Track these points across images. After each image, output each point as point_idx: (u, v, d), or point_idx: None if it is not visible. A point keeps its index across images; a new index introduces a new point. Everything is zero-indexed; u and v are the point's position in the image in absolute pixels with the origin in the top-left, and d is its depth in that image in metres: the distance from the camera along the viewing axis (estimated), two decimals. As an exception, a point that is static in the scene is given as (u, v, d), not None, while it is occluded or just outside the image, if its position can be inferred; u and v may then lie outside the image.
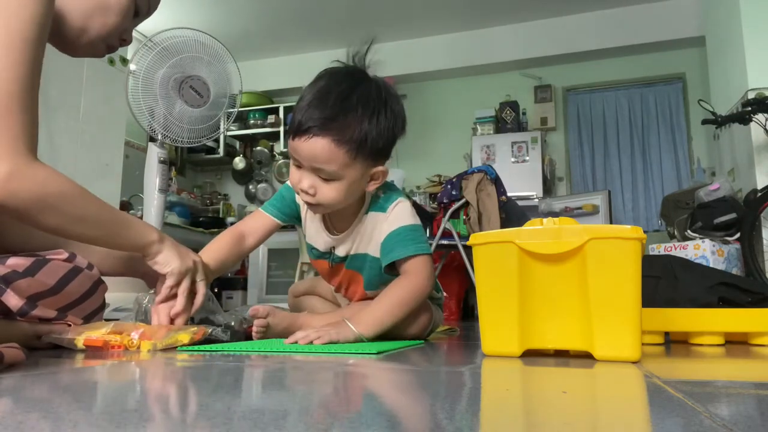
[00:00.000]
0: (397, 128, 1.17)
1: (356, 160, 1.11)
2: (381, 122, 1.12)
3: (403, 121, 1.18)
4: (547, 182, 4.73)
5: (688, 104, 4.82)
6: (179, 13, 4.87)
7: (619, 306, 0.88)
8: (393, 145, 1.18)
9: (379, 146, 1.13)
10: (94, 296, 1.05)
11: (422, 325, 1.27)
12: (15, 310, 0.90)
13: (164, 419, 0.44)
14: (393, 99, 1.17)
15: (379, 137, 1.12)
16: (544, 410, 0.52)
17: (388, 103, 1.15)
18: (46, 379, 0.68)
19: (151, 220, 2.66)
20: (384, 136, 1.13)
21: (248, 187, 5.95)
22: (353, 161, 1.11)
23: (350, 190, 1.15)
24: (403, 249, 1.18)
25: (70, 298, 0.99)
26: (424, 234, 1.25)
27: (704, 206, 2.89)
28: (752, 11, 3.31)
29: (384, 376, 0.76)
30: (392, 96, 1.17)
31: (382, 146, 1.14)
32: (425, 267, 1.18)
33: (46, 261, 0.99)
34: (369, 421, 0.46)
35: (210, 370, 0.76)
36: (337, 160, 1.09)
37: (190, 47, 2.53)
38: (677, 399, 0.56)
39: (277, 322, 1.21)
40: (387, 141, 1.15)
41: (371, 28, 5.20)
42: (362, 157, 1.12)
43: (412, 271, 1.18)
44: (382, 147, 1.14)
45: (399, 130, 1.17)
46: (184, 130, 2.59)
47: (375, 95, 1.13)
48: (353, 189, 1.16)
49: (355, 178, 1.14)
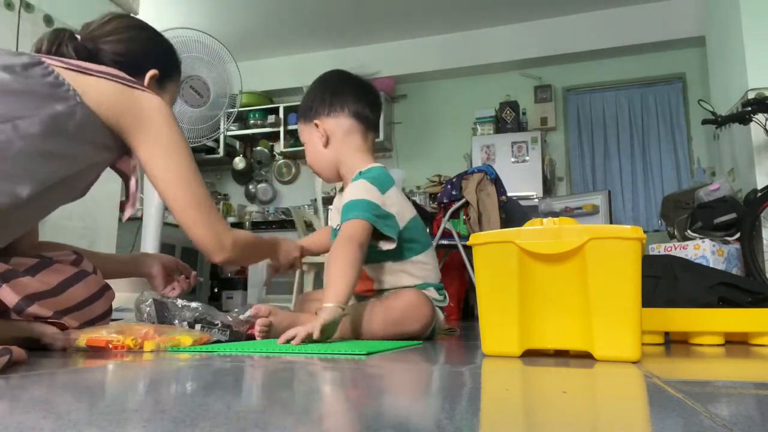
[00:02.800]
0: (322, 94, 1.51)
1: (303, 123, 1.52)
2: (310, 94, 1.54)
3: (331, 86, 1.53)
4: (547, 182, 4.73)
5: (688, 104, 4.82)
6: (179, 13, 4.87)
7: (619, 306, 0.88)
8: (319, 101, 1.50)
9: (309, 105, 1.50)
10: (98, 302, 1.04)
11: (423, 322, 1.29)
12: (11, 306, 0.89)
13: (164, 419, 0.44)
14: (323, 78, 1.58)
15: (309, 98, 1.52)
16: (544, 410, 0.52)
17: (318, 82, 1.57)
18: (47, 379, 0.68)
19: (151, 221, 2.66)
20: (311, 97, 1.52)
21: (248, 187, 5.95)
22: (303, 125, 1.52)
23: (309, 146, 1.51)
24: (345, 214, 1.34)
25: (72, 302, 0.99)
26: (367, 207, 1.34)
27: (704, 206, 2.89)
28: (752, 11, 3.31)
29: (384, 376, 0.76)
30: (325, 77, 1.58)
31: (311, 105, 1.50)
32: (348, 228, 1.30)
33: (50, 262, 0.99)
34: (369, 421, 0.47)
35: (210, 370, 0.76)
36: (300, 130, 1.54)
37: (190, 47, 2.53)
38: (677, 399, 0.56)
39: (279, 321, 1.22)
40: (313, 101, 1.50)
41: (371, 28, 5.20)
42: (304, 120, 1.51)
43: (339, 233, 1.32)
44: (311, 106, 1.50)
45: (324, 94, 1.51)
46: (184, 130, 2.58)
47: (316, 81, 1.58)
48: (311, 145, 1.50)
49: (308, 135, 1.50)
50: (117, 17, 1.19)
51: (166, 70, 1.21)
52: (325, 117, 1.47)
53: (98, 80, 1.00)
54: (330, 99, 1.48)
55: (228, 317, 1.20)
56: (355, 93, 1.49)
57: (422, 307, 1.30)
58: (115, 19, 1.18)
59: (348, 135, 1.47)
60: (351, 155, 1.46)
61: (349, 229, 1.28)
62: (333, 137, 1.46)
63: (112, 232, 2.81)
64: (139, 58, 1.16)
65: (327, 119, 1.47)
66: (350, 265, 1.22)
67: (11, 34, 2.32)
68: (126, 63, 1.11)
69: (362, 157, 1.46)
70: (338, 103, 1.47)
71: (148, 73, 1.16)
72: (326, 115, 1.47)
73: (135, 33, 1.18)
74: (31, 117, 0.90)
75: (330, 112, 1.47)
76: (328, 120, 1.47)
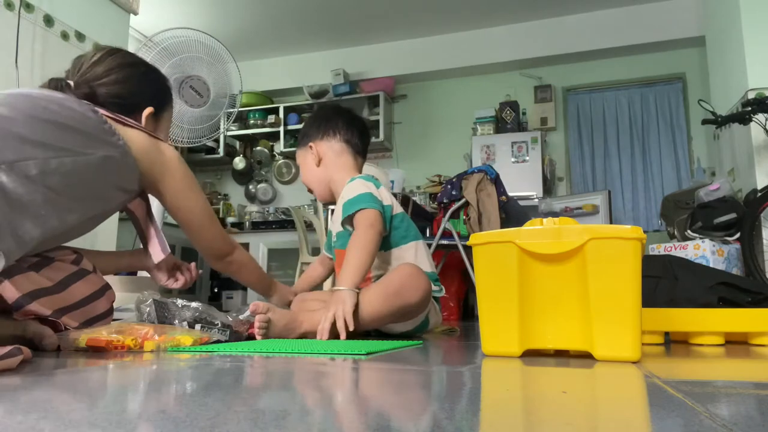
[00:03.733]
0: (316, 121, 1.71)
1: (299, 148, 1.72)
2: (306, 123, 1.75)
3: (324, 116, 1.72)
4: (547, 182, 4.73)
5: (688, 104, 4.82)
6: (179, 13, 4.87)
7: (619, 306, 0.88)
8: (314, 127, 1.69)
9: (304, 132, 1.71)
10: (99, 301, 1.05)
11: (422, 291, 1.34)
12: (10, 302, 0.89)
13: (165, 419, 0.44)
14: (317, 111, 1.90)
15: (303, 130, 1.73)
16: (544, 410, 0.52)
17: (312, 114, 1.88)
18: (47, 379, 0.68)
19: (151, 220, 2.65)
20: (307, 125, 1.72)
21: (248, 187, 5.95)
22: (299, 150, 1.73)
23: (304, 167, 1.71)
24: (350, 208, 1.47)
25: (72, 299, 0.99)
26: (371, 198, 1.49)
27: (704, 206, 2.89)
28: (752, 11, 3.31)
29: (384, 376, 0.76)
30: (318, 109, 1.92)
31: (305, 131, 1.71)
32: (363, 216, 1.44)
33: (51, 260, 0.99)
34: (369, 421, 0.47)
35: (210, 370, 0.76)
36: (297, 154, 1.75)
37: (190, 47, 2.53)
38: (677, 399, 0.56)
39: (278, 318, 1.23)
40: (307, 128, 1.71)
41: (371, 28, 5.20)
42: (300, 144, 1.72)
43: (356, 224, 1.44)
44: (306, 132, 1.71)
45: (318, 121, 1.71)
46: (184, 130, 2.59)
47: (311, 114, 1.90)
48: (305, 166, 1.70)
49: (303, 158, 1.71)
50: (108, 54, 1.22)
51: (160, 104, 1.29)
52: (318, 140, 1.67)
53: (135, 132, 1.12)
54: (324, 125, 1.68)
55: (228, 317, 1.20)
56: (345, 122, 1.69)
57: (420, 276, 1.35)
58: (107, 57, 1.21)
59: (339, 156, 1.66)
60: (341, 173, 1.64)
61: (370, 217, 1.42)
62: (325, 157, 1.66)
63: (112, 233, 2.81)
64: (136, 98, 1.22)
65: (320, 142, 1.67)
66: (369, 252, 1.37)
67: (11, 34, 2.32)
68: (123, 104, 1.18)
69: (351, 172, 1.65)
70: (331, 129, 1.67)
71: (144, 111, 1.23)
72: (320, 138, 1.67)
73: (128, 72, 1.23)
74: (87, 155, 0.99)
75: (323, 136, 1.67)
76: (321, 143, 1.67)
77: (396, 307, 1.30)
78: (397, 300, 1.30)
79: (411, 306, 1.33)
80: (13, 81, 2.32)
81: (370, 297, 1.30)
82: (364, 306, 1.29)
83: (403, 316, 1.35)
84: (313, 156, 1.66)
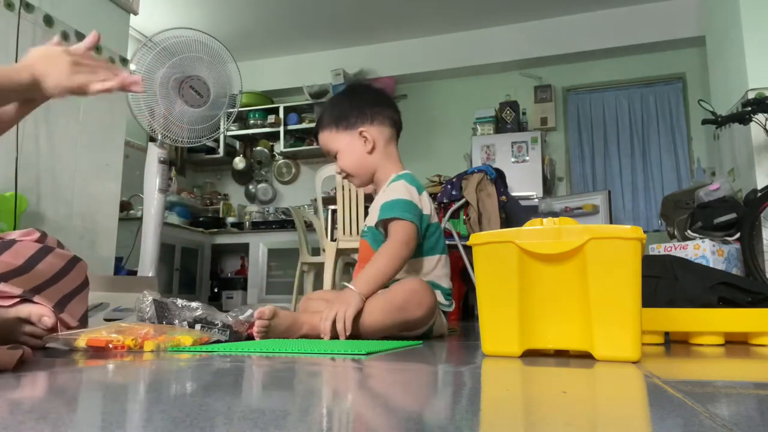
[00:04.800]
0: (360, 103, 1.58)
1: (338, 132, 1.57)
2: (344, 104, 1.60)
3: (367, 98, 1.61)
4: (547, 182, 4.73)
5: (688, 104, 4.82)
6: (179, 13, 4.87)
7: (619, 306, 0.88)
8: (359, 111, 1.57)
9: (346, 116, 1.57)
10: (70, 275, 1.02)
11: (426, 308, 1.32)
12: None
13: (165, 419, 0.44)
14: (353, 90, 1.68)
15: (344, 113, 1.58)
16: (544, 410, 0.52)
17: (348, 94, 1.67)
18: (48, 379, 0.68)
19: (150, 220, 2.66)
20: (347, 106, 1.59)
21: (248, 187, 5.95)
22: (337, 133, 1.58)
23: (350, 153, 1.57)
24: (389, 212, 1.43)
25: (42, 278, 0.96)
26: (412, 207, 1.46)
27: (704, 206, 2.89)
28: (752, 11, 3.31)
29: (385, 376, 0.76)
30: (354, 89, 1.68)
31: (348, 115, 1.57)
32: (401, 230, 1.40)
33: (11, 243, 0.97)
34: (369, 421, 0.47)
35: (210, 370, 0.76)
36: (330, 139, 1.59)
37: (190, 47, 2.53)
38: (677, 399, 0.56)
39: (280, 322, 1.23)
40: (351, 111, 1.57)
41: (371, 28, 5.20)
42: (342, 128, 1.57)
43: (391, 233, 1.41)
44: (349, 115, 1.57)
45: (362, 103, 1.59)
46: (184, 130, 2.59)
47: (343, 93, 1.68)
48: (353, 152, 1.57)
49: (346, 143, 1.57)
50: None
51: None
52: (369, 125, 1.57)
53: None
54: (370, 108, 1.58)
55: (228, 317, 1.21)
56: (388, 102, 1.64)
57: (425, 292, 1.32)
58: None
59: (388, 142, 1.60)
60: (389, 163, 1.59)
61: (407, 233, 1.39)
62: (377, 144, 1.57)
63: (112, 232, 2.81)
64: None
65: (371, 127, 1.57)
66: (394, 268, 1.35)
67: (11, 34, 2.32)
68: None
69: (397, 163, 1.61)
70: (379, 112, 1.59)
71: None
72: (370, 123, 1.57)
73: None
74: None
75: (373, 120, 1.57)
76: (372, 128, 1.57)
77: (398, 321, 1.29)
78: (399, 314, 1.29)
79: (413, 321, 1.31)
80: (13, 81, 2.32)
81: (372, 308, 1.28)
82: (365, 316, 1.27)
83: (404, 329, 1.33)
84: (364, 142, 1.56)
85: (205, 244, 5.15)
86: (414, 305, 1.29)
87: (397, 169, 1.59)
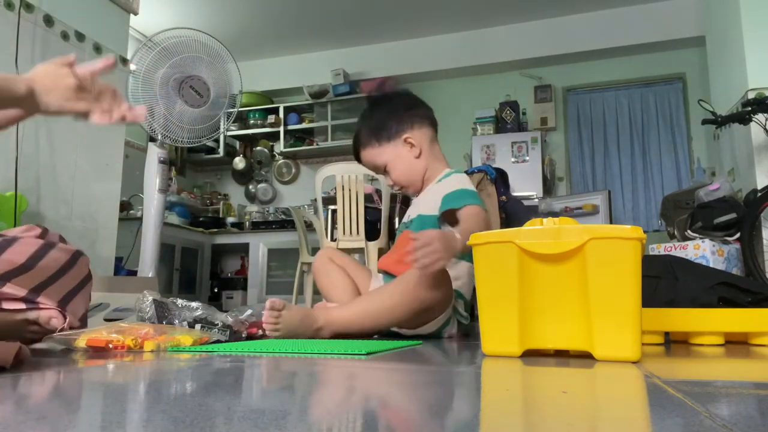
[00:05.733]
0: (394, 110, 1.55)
1: (381, 145, 1.54)
2: (379, 115, 1.55)
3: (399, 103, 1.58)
4: (547, 182, 4.73)
5: (688, 104, 4.82)
6: (179, 13, 4.87)
7: (619, 306, 0.88)
8: (397, 119, 1.54)
9: (386, 126, 1.53)
10: (72, 270, 1.01)
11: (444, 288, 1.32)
12: None
13: (165, 419, 0.44)
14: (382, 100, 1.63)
15: (381, 124, 1.53)
16: (544, 410, 0.52)
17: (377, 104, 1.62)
18: (48, 379, 0.68)
19: (150, 220, 2.66)
20: (385, 118, 1.54)
21: (248, 187, 5.95)
22: (380, 147, 1.54)
23: (400, 163, 1.54)
24: (455, 201, 1.43)
25: (45, 275, 0.96)
26: (477, 195, 1.47)
27: (704, 206, 2.89)
28: (752, 11, 3.31)
29: (385, 376, 0.76)
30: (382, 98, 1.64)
31: (387, 125, 1.53)
32: (477, 212, 1.40)
33: (13, 240, 0.97)
34: (369, 422, 0.47)
35: (210, 370, 0.76)
36: (374, 155, 1.55)
37: (190, 47, 2.53)
38: (677, 399, 0.56)
39: (292, 315, 1.21)
40: (389, 121, 1.53)
41: (371, 28, 5.20)
42: (385, 140, 1.54)
43: (464, 217, 1.39)
44: (389, 126, 1.53)
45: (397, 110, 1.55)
46: (184, 130, 2.59)
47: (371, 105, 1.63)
48: (402, 161, 1.54)
49: (394, 155, 1.54)
50: None
51: None
52: (411, 130, 1.54)
53: None
54: (408, 113, 1.55)
55: (228, 317, 1.21)
56: (420, 102, 1.61)
57: (442, 273, 1.30)
58: None
59: (432, 143, 1.58)
60: (436, 163, 1.58)
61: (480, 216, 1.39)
62: (423, 147, 1.55)
63: (112, 232, 2.81)
64: None
65: (414, 132, 1.54)
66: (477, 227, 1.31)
67: (11, 34, 2.32)
68: None
69: (443, 161, 1.60)
70: (415, 114, 1.56)
71: None
72: (411, 127, 1.54)
73: None
74: None
75: (413, 123, 1.55)
76: (414, 132, 1.54)
77: (417, 302, 1.28)
78: (418, 294, 1.27)
79: (431, 302, 1.30)
80: (13, 81, 2.32)
81: (392, 290, 1.29)
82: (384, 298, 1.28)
83: (422, 314, 1.32)
84: (412, 148, 1.53)
85: (205, 244, 5.15)
86: (431, 285, 1.28)
87: (444, 166, 1.58)
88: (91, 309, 1.40)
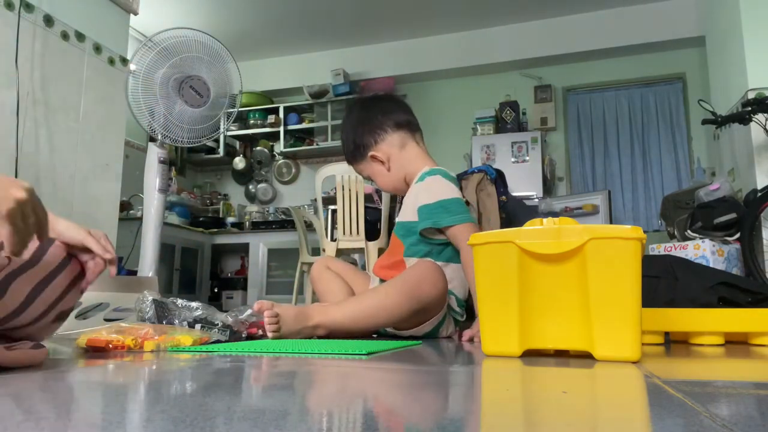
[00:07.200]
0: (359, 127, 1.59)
1: (358, 163, 1.62)
2: (348, 134, 1.61)
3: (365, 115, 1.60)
4: (547, 182, 4.73)
5: (688, 104, 4.82)
6: (179, 13, 4.87)
7: (619, 306, 0.88)
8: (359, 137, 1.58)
9: (351, 148, 1.60)
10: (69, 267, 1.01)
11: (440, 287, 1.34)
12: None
13: (165, 419, 0.44)
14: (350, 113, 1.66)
15: (350, 142, 1.60)
16: (544, 410, 0.52)
17: (346, 119, 1.66)
18: (48, 379, 0.68)
19: (150, 220, 2.66)
20: (351, 139, 1.59)
21: (248, 187, 5.95)
22: (358, 165, 1.63)
23: (378, 176, 1.61)
24: (444, 217, 1.45)
25: (48, 269, 0.95)
26: (464, 206, 1.49)
27: (704, 206, 2.89)
28: (752, 11, 3.31)
29: (384, 376, 0.76)
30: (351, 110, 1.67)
31: (354, 146, 1.59)
32: (470, 230, 1.40)
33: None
34: (369, 422, 0.47)
35: (210, 370, 0.76)
36: (359, 170, 1.65)
37: (190, 47, 2.53)
38: (677, 399, 0.56)
39: (284, 311, 1.21)
40: (354, 142, 1.59)
41: (371, 28, 5.20)
42: (359, 158, 1.61)
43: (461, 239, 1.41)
44: (355, 146, 1.59)
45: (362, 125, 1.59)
46: (184, 130, 2.59)
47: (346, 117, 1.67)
48: (378, 175, 1.61)
49: (370, 170, 1.61)
50: None
51: None
52: (375, 146, 1.57)
53: None
54: (369, 129, 1.57)
55: (228, 317, 1.20)
56: (388, 107, 1.61)
57: (438, 273, 1.34)
58: None
59: (402, 148, 1.59)
60: (413, 164, 1.59)
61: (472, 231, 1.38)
62: (392, 157, 1.58)
63: (112, 232, 2.81)
64: None
65: (378, 146, 1.57)
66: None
67: (11, 34, 2.32)
68: None
69: (423, 160, 1.60)
70: (377, 127, 1.57)
71: None
72: (375, 144, 1.57)
73: None
74: None
75: (376, 139, 1.57)
76: (379, 147, 1.57)
77: (414, 300, 1.29)
78: (414, 291, 1.29)
79: (428, 301, 1.32)
80: (13, 81, 2.32)
81: (389, 289, 1.31)
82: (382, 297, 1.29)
83: (419, 314, 1.33)
84: (380, 163, 1.58)
85: (205, 244, 5.15)
86: (428, 284, 1.31)
87: (423, 164, 1.58)
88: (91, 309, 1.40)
